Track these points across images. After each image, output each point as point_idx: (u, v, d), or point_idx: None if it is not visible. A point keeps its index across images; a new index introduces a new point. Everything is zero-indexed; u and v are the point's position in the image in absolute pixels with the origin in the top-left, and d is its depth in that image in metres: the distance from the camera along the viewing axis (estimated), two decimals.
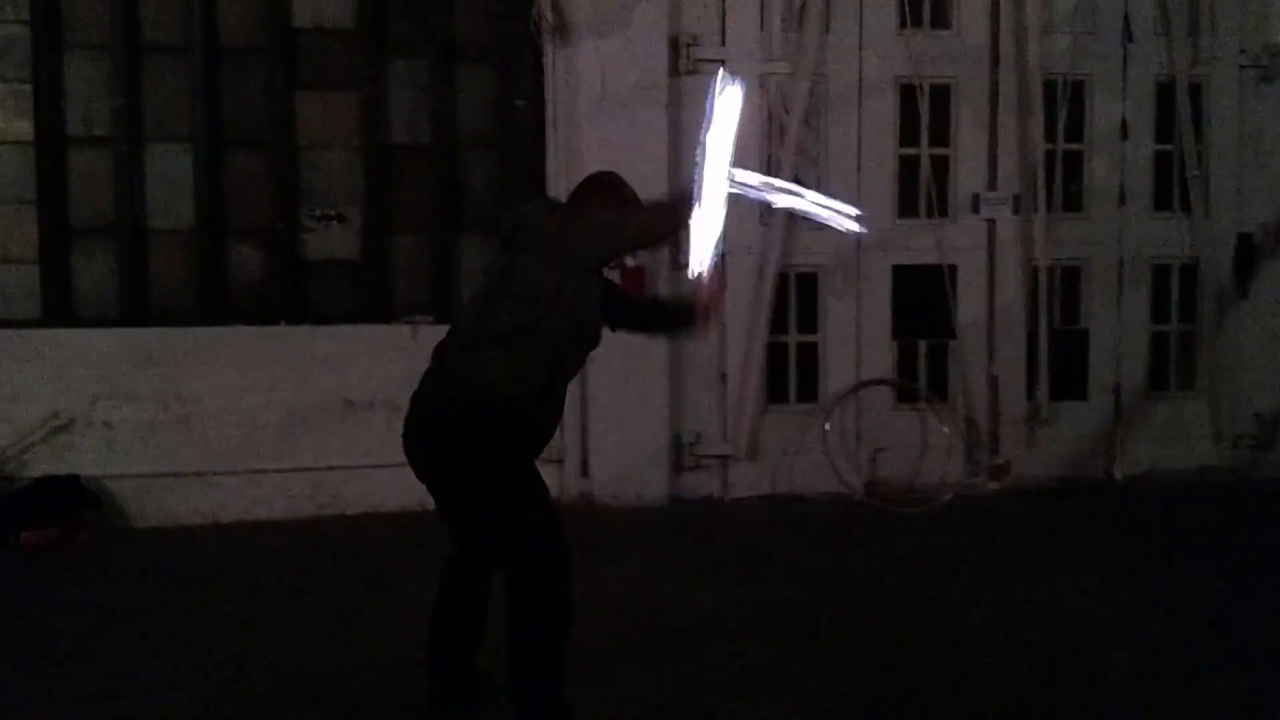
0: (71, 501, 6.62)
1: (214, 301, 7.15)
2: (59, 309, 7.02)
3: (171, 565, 6.16)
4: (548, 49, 7.20)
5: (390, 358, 7.09)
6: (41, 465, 6.76)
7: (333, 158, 7.32)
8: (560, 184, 7.18)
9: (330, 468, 7.07)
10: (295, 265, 7.26)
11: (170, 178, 7.14)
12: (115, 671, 4.49)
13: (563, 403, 3.83)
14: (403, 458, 3.94)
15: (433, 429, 3.73)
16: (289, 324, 7.13)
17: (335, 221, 7.32)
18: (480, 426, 3.59)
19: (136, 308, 7.08)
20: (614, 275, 7.08)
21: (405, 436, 3.83)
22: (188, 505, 6.94)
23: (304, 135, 7.27)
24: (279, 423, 7.03)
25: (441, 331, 6.89)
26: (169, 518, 6.90)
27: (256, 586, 5.69)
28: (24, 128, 6.98)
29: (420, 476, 3.89)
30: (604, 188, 3.99)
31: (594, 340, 3.85)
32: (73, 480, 6.68)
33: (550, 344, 3.62)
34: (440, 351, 3.87)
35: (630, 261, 7.03)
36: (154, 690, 4.29)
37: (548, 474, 7.36)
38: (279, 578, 5.85)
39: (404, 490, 7.09)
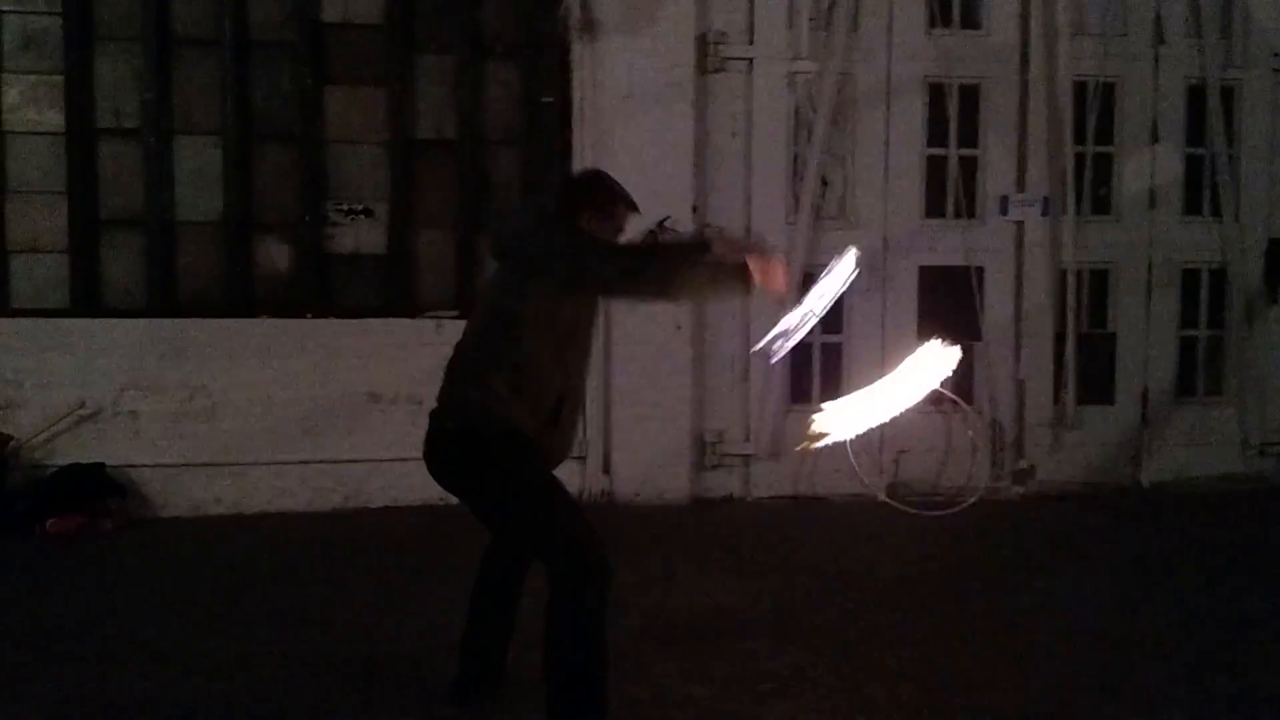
0: (97, 490, 6.67)
1: (241, 294, 7.19)
2: (87, 299, 7.07)
3: (197, 555, 6.19)
4: (575, 45, 7.20)
5: (414, 352, 7.11)
6: (68, 454, 6.81)
7: (360, 152, 7.35)
8: None
9: (354, 460, 7.10)
10: (322, 259, 7.29)
11: (199, 170, 7.18)
12: (160, 654, 4.55)
13: (574, 424, 3.80)
14: None
15: (445, 451, 3.68)
16: (315, 317, 7.16)
17: (362, 216, 7.34)
18: (489, 452, 3.56)
19: (164, 299, 7.12)
20: None
21: (425, 455, 3.75)
22: (212, 495, 6.99)
23: (332, 130, 7.30)
24: (303, 415, 7.06)
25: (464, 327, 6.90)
26: (193, 508, 6.95)
27: (281, 577, 5.73)
28: (55, 119, 7.03)
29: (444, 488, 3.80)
30: (597, 191, 3.83)
31: (589, 350, 3.78)
32: (98, 469, 6.73)
33: (554, 371, 3.58)
34: (453, 367, 3.79)
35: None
36: (192, 674, 4.33)
37: (570, 471, 7.43)
38: (305, 569, 5.88)
39: (426, 484, 7.09)
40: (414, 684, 4.28)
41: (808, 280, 4.14)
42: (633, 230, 3.86)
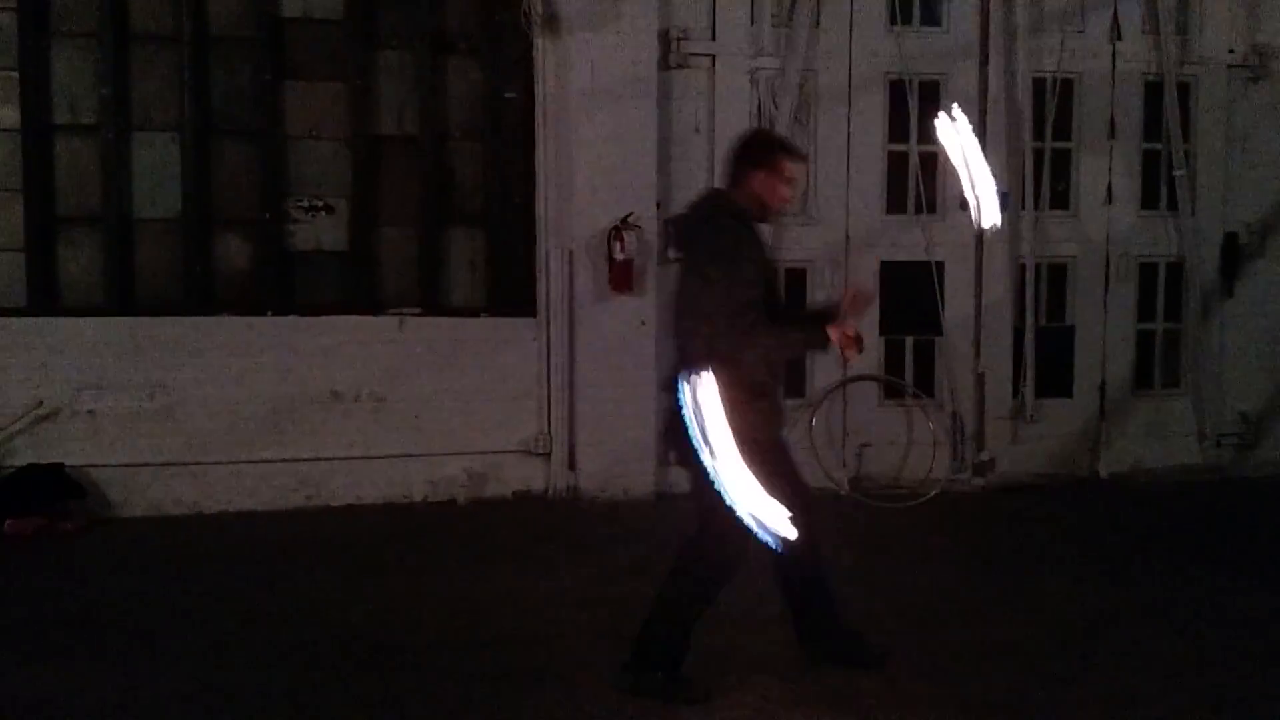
0: (55, 491, 6.60)
1: (200, 291, 7.12)
2: (44, 297, 6.98)
3: (157, 555, 6.14)
4: (538, 41, 7.19)
5: (377, 349, 7.10)
6: (25, 454, 6.73)
7: (321, 148, 7.30)
8: (549, 176, 7.20)
9: (316, 458, 7.06)
10: (282, 256, 7.23)
11: (157, 167, 7.11)
12: (120, 653, 4.51)
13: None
14: (388, 449, 3.97)
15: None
16: (276, 315, 7.11)
17: (323, 212, 7.29)
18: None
19: (122, 297, 7.05)
20: (602, 268, 7.11)
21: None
22: (172, 495, 6.92)
23: (292, 126, 7.24)
24: (265, 413, 7.01)
25: (428, 324, 6.91)
26: (153, 507, 6.88)
27: (244, 576, 5.70)
28: (10, 115, 6.93)
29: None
30: (759, 150, 4.13)
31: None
32: (57, 469, 6.66)
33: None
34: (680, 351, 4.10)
35: (619, 255, 7.04)
36: (156, 672, 4.31)
37: (534, 467, 7.44)
38: (266, 569, 5.84)
39: (389, 482, 7.13)
40: (386, 673, 4.28)
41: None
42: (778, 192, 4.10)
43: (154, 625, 4.95)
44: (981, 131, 7.58)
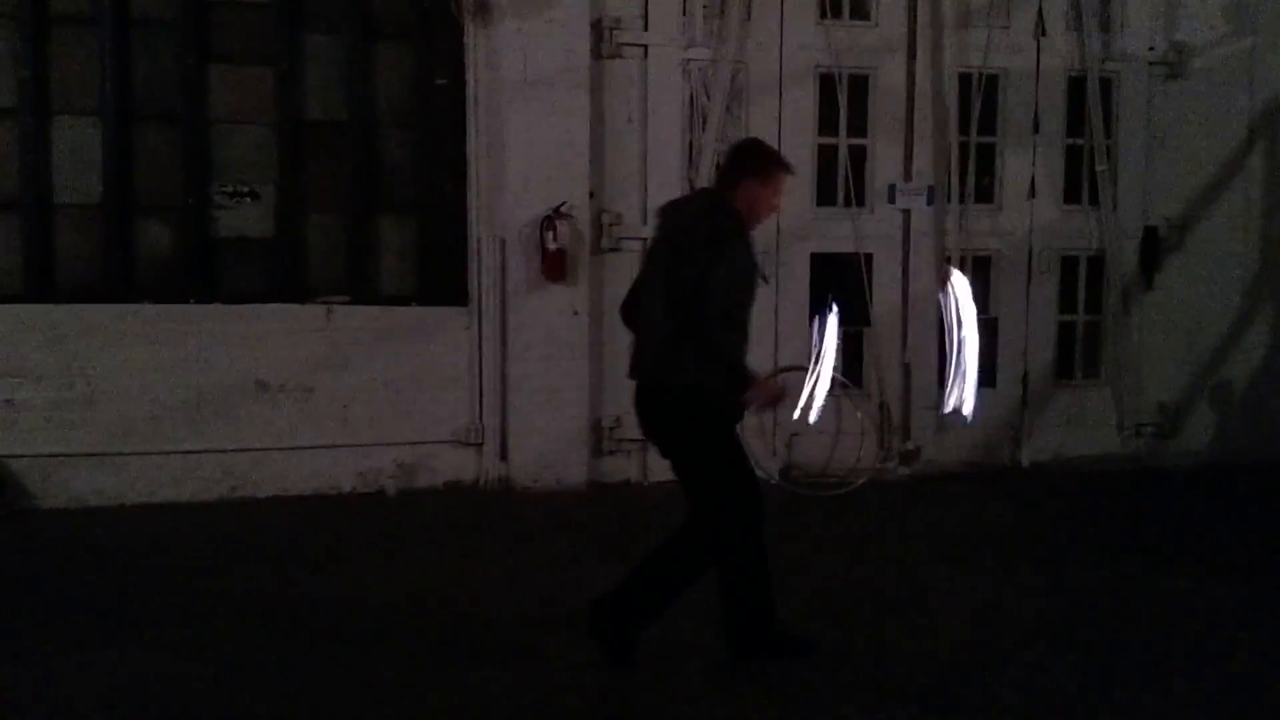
0: None
1: (121, 279, 6.97)
2: None
3: (76, 548, 6.02)
4: (469, 28, 7.13)
5: (304, 339, 7.01)
6: None
7: (246, 133, 7.17)
8: (480, 164, 7.16)
9: (241, 450, 6.96)
10: (206, 243, 7.10)
11: (78, 152, 6.94)
12: (35, 648, 4.42)
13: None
14: (316, 440, 3.97)
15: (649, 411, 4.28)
16: (199, 303, 6.98)
17: (248, 199, 7.17)
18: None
19: (41, 284, 6.87)
20: (534, 257, 7.09)
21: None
22: (93, 486, 6.78)
23: (216, 110, 7.11)
24: (188, 403, 6.90)
25: (357, 313, 6.85)
26: (74, 499, 6.74)
27: (167, 567, 5.61)
28: None
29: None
30: (755, 159, 4.34)
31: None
32: None
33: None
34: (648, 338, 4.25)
35: (552, 244, 7.02)
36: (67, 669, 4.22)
37: (466, 457, 7.40)
38: (190, 560, 5.76)
39: (316, 473, 7.05)
40: (327, 658, 4.25)
41: None
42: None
43: (74, 618, 4.86)
44: (909, 126, 7.74)
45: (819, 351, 4.44)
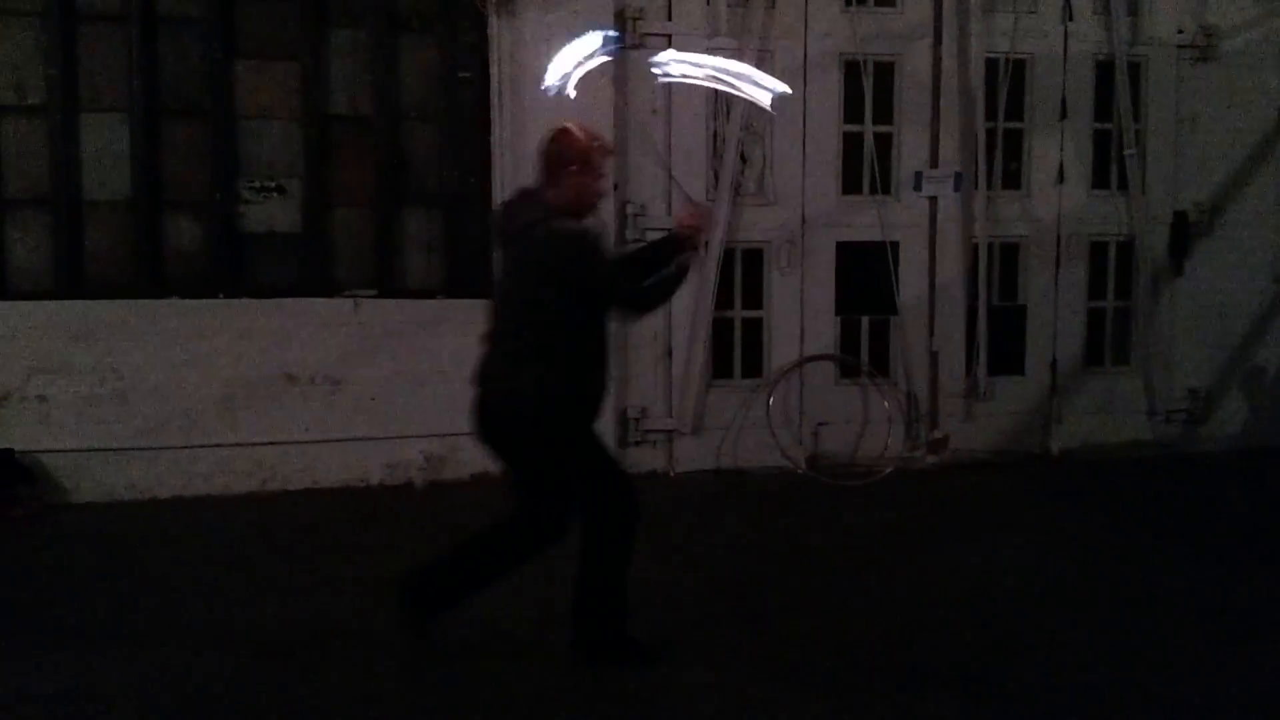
0: (5, 476, 6.50)
1: (151, 274, 7.03)
2: None
3: (110, 541, 6.08)
4: (492, 20, 7.14)
5: (332, 332, 7.05)
6: None
7: (273, 129, 7.20)
8: (505, 157, 7.15)
9: (270, 443, 7.00)
10: (234, 237, 7.15)
11: (106, 148, 6.99)
12: (74, 638, 4.46)
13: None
14: (345, 433, 4.00)
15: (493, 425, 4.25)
16: (228, 297, 7.03)
17: (275, 193, 7.21)
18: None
19: (72, 280, 6.94)
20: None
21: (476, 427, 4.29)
22: (125, 480, 6.85)
23: (243, 105, 7.14)
24: (218, 397, 6.95)
25: (384, 306, 6.87)
26: (106, 493, 6.80)
27: (199, 561, 5.66)
28: None
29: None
30: (571, 145, 4.36)
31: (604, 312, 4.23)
32: (7, 454, 6.56)
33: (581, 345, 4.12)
34: (495, 350, 4.28)
35: None
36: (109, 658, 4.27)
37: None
38: (221, 554, 5.80)
39: (345, 465, 7.09)
40: (345, 656, 4.28)
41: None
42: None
43: (108, 611, 4.91)
44: (935, 113, 7.69)
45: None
